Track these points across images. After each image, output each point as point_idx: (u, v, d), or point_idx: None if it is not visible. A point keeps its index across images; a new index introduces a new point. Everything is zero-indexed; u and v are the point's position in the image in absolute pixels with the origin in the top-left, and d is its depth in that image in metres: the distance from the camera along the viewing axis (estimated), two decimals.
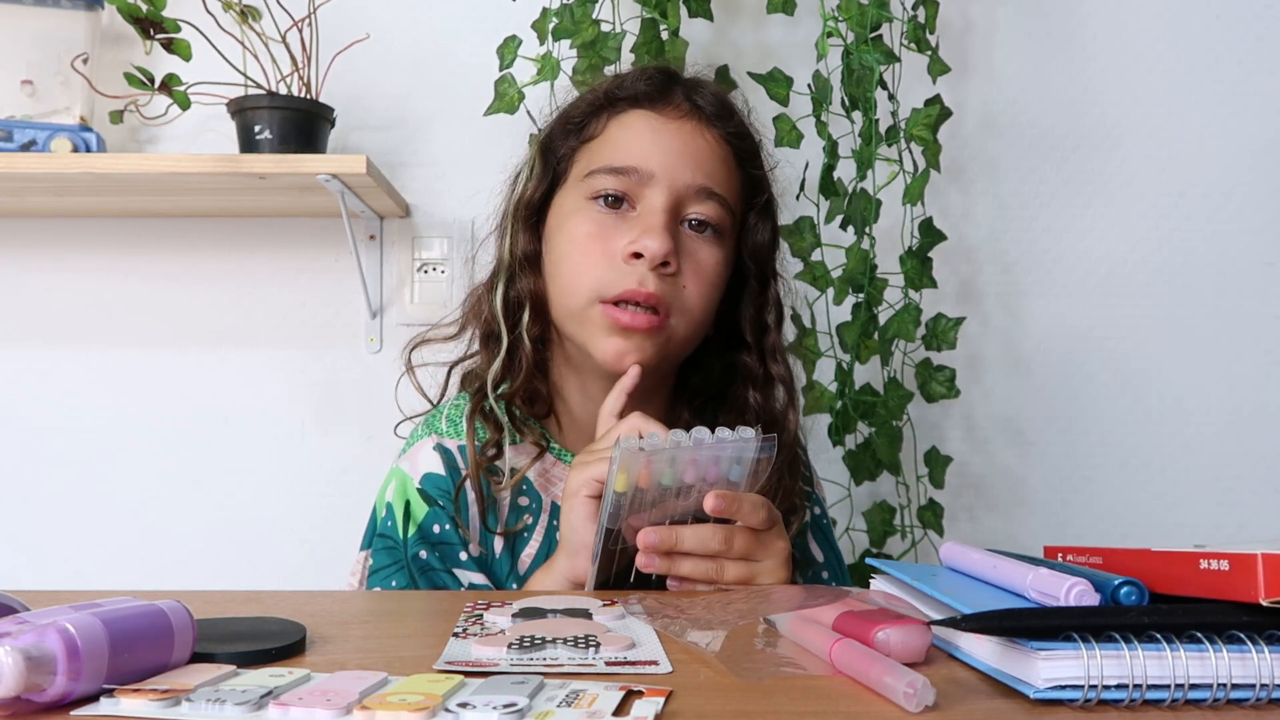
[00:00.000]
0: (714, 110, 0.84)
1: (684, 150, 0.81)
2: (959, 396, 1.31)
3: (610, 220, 0.80)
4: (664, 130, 0.82)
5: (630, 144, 0.82)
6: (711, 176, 0.82)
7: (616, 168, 0.81)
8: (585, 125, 0.85)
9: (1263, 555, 0.42)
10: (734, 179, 0.85)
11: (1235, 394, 1.48)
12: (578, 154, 0.85)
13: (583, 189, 0.82)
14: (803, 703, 0.43)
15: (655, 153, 0.81)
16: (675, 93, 0.84)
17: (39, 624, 0.40)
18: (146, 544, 1.42)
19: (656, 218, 0.79)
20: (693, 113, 0.83)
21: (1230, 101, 1.47)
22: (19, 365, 1.42)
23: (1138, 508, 1.47)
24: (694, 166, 0.81)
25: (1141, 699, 0.42)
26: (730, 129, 0.84)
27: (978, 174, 1.46)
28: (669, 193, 0.80)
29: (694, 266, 0.81)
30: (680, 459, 0.69)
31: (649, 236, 0.78)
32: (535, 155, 0.87)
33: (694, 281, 0.81)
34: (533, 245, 0.86)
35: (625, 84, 0.84)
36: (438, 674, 0.45)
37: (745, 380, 0.87)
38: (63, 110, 1.29)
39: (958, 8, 1.45)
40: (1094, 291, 1.47)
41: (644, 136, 0.82)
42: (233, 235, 1.43)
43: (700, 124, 0.83)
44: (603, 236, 0.80)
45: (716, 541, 0.70)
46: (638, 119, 0.83)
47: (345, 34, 1.32)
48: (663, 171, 0.80)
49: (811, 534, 0.91)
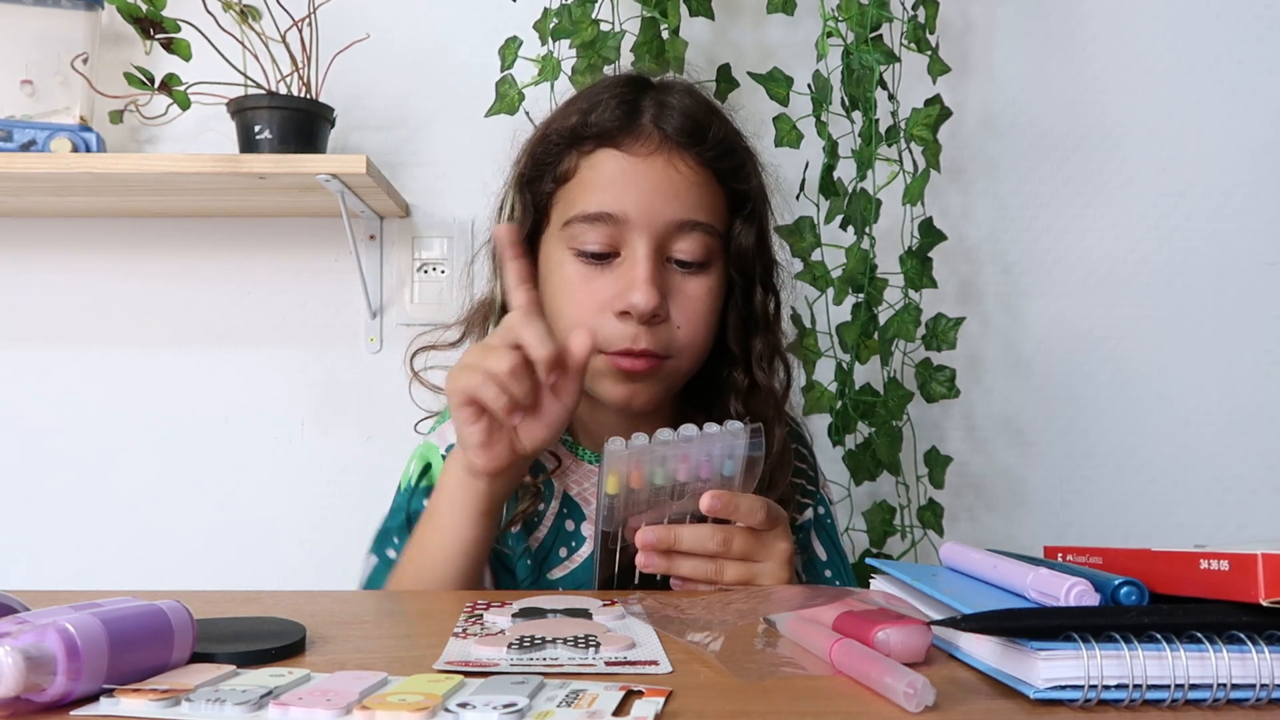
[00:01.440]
0: (686, 134, 0.80)
1: (658, 188, 0.79)
2: (959, 396, 1.31)
3: (595, 272, 0.79)
4: (635, 170, 0.79)
5: (602, 188, 0.79)
6: (691, 207, 0.80)
7: (592, 214, 0.78)
8: (557, 164, 0.82)
9: (1263, 555, 0.42)
10: (717, 200, 0.82)
11: (1235, 394, 1.48)
12: (555, 196, 0.82)
13: (564, 238, 0.81)
14: (803, 703, 0.43)
15: (629, 195, 0.78)
16: (642, 121, 0.80)
17: (39, 624, 0.40)
18: (146, 544, 1.42)
19: (640, 268, 0.77)
20: (663, 143, 0.80)
21: (1230, 101, 1.47)
22: (19, 365, 1.42)
23: (1138, 508, 1.47)
24: (671, 202, 0.79)
25: (1141, 699, 0.42)
26: (706, 150, 0.81)
27: (978, 174, 1.46)
28: (649, 236, 0.78)
29: (684, 304, 0.80)
30: (670, 457, 0.69)
31: (634, 292, 0.76)
32: (514, 194, 0.85)
33: (686, 319, 0.80)
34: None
35: (590, 116, 0.81)
36: (438, 674, 0.45)
37: (731, 390, 0.86)
38: (63, 110, 1.29)
39: (958, 8, 1.45)
40: (1094, 291, 1.47)
41: (615, 179, 0.79)
42: (233, 235, 1.43)
43: (672, 154, 0.80)
44: (590, 290, 0.79)
45: (715, 542, 0.69)
46: (607, 160, 0.80)
47: (345, 34, 1.32)
48: (639, 215, 0.78)
49: (815, 533, 0.90)
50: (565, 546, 0.84)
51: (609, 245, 0.79)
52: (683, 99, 0.83)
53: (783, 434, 0.86)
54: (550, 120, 0.85)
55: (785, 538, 0.72)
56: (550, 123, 0.84)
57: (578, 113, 0.82)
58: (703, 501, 0.68)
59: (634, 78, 0.86)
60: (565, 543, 0.84)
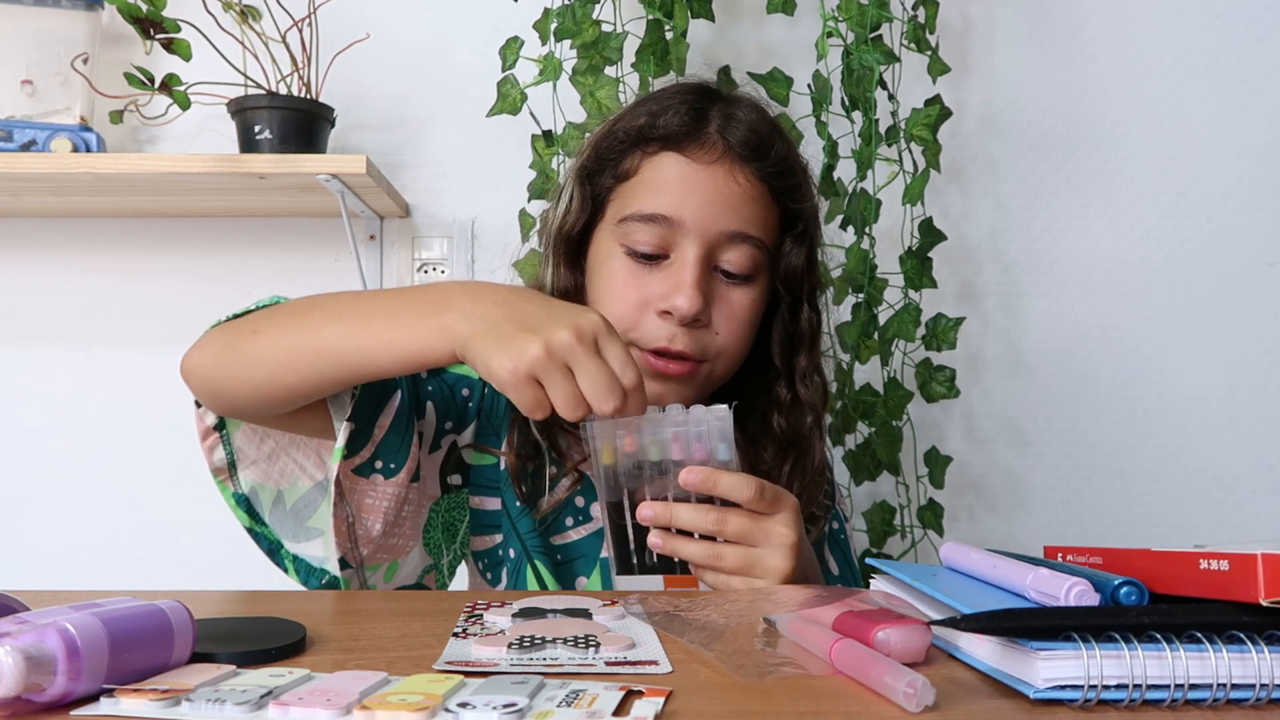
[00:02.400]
0: (749, 147, 0.82)
1: (716, 197, 0.80)
2: (959, 396, 1.31)
3: (643, 270, 0.81)
4: (695, 177, 0.81)
5: (662, 190, 0.81)
6: (745, 220, 0.81)
7: (648, 215, 0.80)
8: (620, 161, 0.84)
9: (1263, 555, 0.42)
10: (770, 216, 0.84)
11: (1235, 394, 1.48)
12: (614, 192, 0.84)
13: (617, 234, 0.82)
14: (803, 703, 0.43)
15: (687, 201, 0.80)
16: (708, 129, 0.82)
17: (39, 624, 0.40)
18: (146, 544, 1.42)
19: (688, 272, 0.79)
20: (726, 154, 0.81)
21: (1230, 101, 1.47)
22: (18, 365, 1.42)
23: (1138, 508, 1.47)
24: (726, 212, 0.81)
25: (1141, 699, 0.42)
26: (766, 166, 0.82)
27: (978, 174, 1.46)
28: (700, 243, 0.80)
29: (727, 312, 0.82)
30: (662, 434, 0.69)
31: (679, 294, 0.78)
32: (574, 185, 0.86)
33: (727, 326, 0.82)
34: (572, 279, 0.86)
35: (659, 119, 0.82)
36: (438, 674, 0.45)
37: (771, 404, 0.88)
38: (63, 110, 1.29)
39: (958, 8, 1.45)
40: (1094, 291, 1.47)
41: (675, 183, 0.81)
42: (233, 235, 1.43)
43: (733, 165, 0.81)
44: (637, 286, 0.80)
45: (709, 520, 0.68)
46: (669, 163, 0.81)
47: (345, 34, 1.32)
48: (694, 220, 0.80)
49: (829, 548, 0.91)
50: (572, 517, 0.85)
51: (660, 246, 0.80)
52: (749, 113, 0.84)
53: (822, 449, 0.88)
54: (619, 118, 0.86)
55: (789, 525, 0.70)
56: (618, 120, 0.86)
57: (646, 114, 0.83)
58: (682, 476, 0.68)
59: (704, 87, 0.87)
60: (573, 514, 0.85)
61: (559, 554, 0.84)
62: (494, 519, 0.86)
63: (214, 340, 0.74)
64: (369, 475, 0.77)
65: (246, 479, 0.79)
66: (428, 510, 0.83)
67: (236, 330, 0.73)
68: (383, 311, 0.68)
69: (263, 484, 0.80)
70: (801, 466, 0.85)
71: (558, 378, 0.62)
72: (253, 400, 0.72)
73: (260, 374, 0.70)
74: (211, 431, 0.78)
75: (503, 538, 0.85)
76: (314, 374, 0.69)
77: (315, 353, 0.68)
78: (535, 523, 0.84)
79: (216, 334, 0.74)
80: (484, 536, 0.86)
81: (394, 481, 0.78)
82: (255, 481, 0.79)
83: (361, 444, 0.76)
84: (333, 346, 0.68)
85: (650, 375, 0.80)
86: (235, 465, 0.79)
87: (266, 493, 0.80)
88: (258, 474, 0.79)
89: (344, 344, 0.68)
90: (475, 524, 0.86)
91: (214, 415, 0.78)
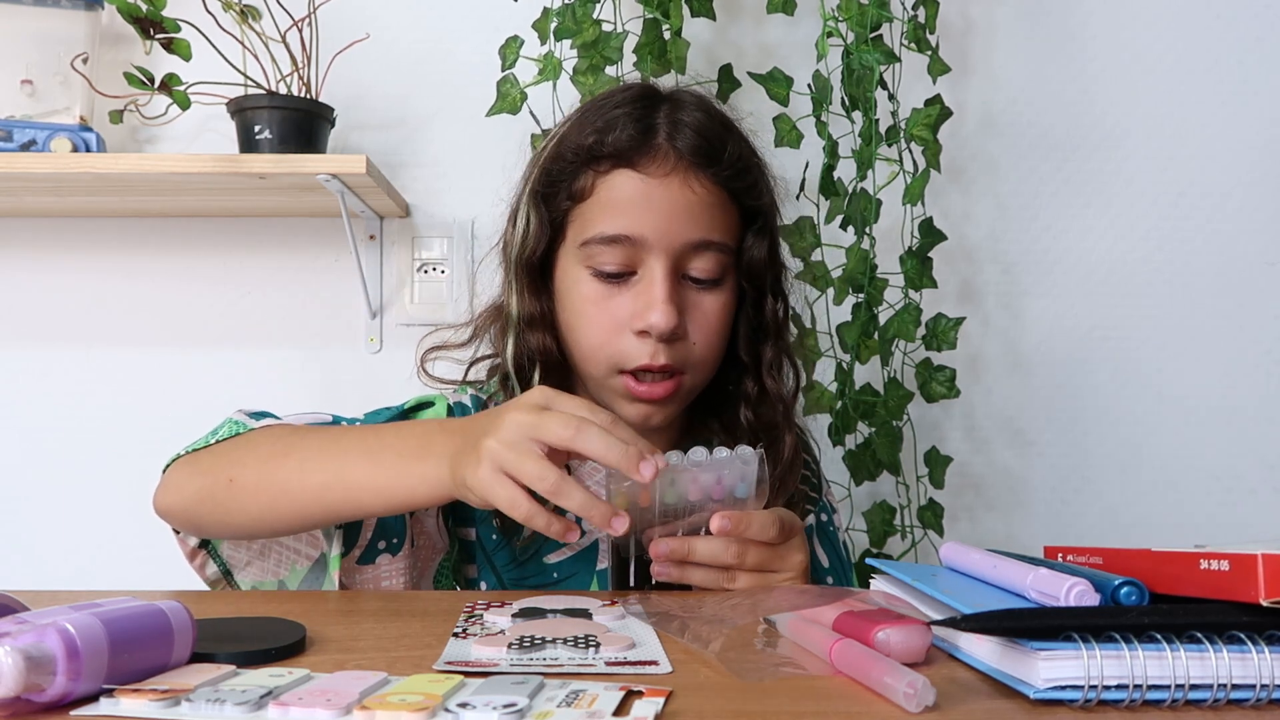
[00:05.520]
0: (701, 153, 0.80)
1: (674, 209, 0.79)
2: (959, 396, 1.31)
3: (612, 290, 0.80)
4: (652, 193, 0.79)
5: (620, 210, 0.79)
6: (706, 227, 0.80)
7: (609, 236, 0.79)
8: (573, 181, 0.82)
9: (1263, 555, 0.42)
10: (729, 217, 0.83)
11: (1235, 394, 1.48)
12: (572, 213, 0.82)
13: (581, 256, 0.81)
14: (803, 703, 0.43)
15: (646, 217, 0.78)
16: (657, 140, 0.80)
17: (39, 624, 0.40)
18: (146, 544, 1.41)
19: (657, 288, 0.78)
20: (679, 163, 0.79)
21: (1230, 101, 1.47)
22: (18, 365, 1.42)
23: (1138, 508, 1.47)
24: (687, 223, 0.79)
25: (1141, 699, 0.42)
26: (722, 170, 0.81)
27: (978, 174, 1.46)
28: (665, 256, 0.79)
29: (700, 320, 0.81)
30: (680, 479, 0.68)
31: (652, 311, 0.77)
32: (529, 207, 0.84)
33: (703, 335, 0.81)
34: (538, 305, 0.84)
35: (607, 136, 0.80)
36: (438, 674, 0.45)
37: (740, 398, 0.87)
38: (63, 110, 1.29)
39: (958, 8, 1.45)
40: (1094, 291, 1.47)
41: (633, 201, 0.79)
42: (233, 235, 1.43)
43: (687, 174, 0.80)
44: (609, 308, 0.80)
45: (729, 555, 0.69)
46: (623, 180, 0.79)
47: (345, 34, 1.32)
48: (656, 236, 0.78)
49: (818, 539, 0.91)
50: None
51: (626, 265, 0.79)
52: (695, 115, 0.82)
53: (793, 439, 0.87)
54: (564, 136, 0.84)
55: (801, 549, 0.72)
56: (564, 139, 0.83)
57: (594, 131, 0.81)
58: (713, 523, 0.68)
59: (646, 92, 0.85)
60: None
61: (537, 583, 0.84)
62: (470, 550, 0.86)
63: (185, 484, 0.74)
64: (374, 560, 0.78)
65: (245, 581, 0.79)
66: (437, 563, 0.84)
67: (208, 473, 0.73)
68: (365, 455, 0.68)
69: (261, 580, 0.79)
70: (772, 458, 0.84)
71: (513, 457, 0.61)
72: (238, 536, 0.75)
73: (243, 520, 0.72)
74: (198, 551, 0.79)
75: (478, 570, 0.86)
76: (299, 519, 0.71)
77: (299, 503, 0.69)
78: (512, 555, 0.84)
79: (186, 476, 0.75)
80: (464, 565, 0.87)
81: (401, 555, 0.79)
82: (254, 581, 0.79)
83: (355, 534, 0.77)
84: (317, 498, 0.69)
85: (634, 400, 0.80)
86: (230, 574, 0.79)
87: (267, 586, 0.80)
88: (254, 573, 0.79)
89: (329, 495, 0.68)
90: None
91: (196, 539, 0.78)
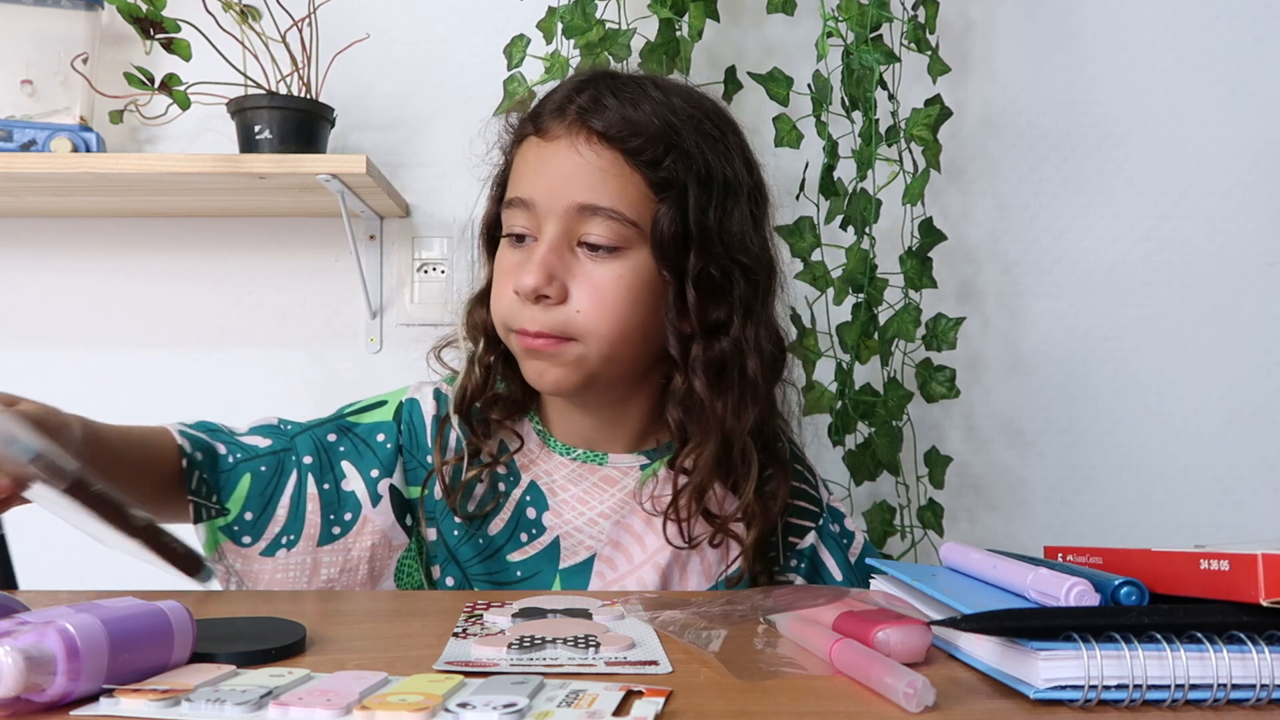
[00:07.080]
0: (599, 117, 0.77)
1: (559, 171, 0.78)
2: (959, 396, 1.31)
3: (516, 254, 0.81)
4: (543, 155, 0.79)
5: (522, 175, 0.81)
6: (593, 191, 0.77)
7: (510, 200, 0.81)
8: (511, 154, 0.85)
9: (1263, 555, 0.42)
10: (629, 187, 0.78)
11: (1235, 394, 1.48)
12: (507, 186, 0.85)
13: (505, 224, 0.83)
14: (803, 703, 0.43)
15: (538, 181, 0.79)
16: (567, 107, 0.79)
17: (39, 624, 0.40)
18: None
19: (538, 250, 0.78)
20: (572, 127, 0.78)
21: (1230, 101, 1.47)
22: (19, 365, 1.42)
23: (1138, 508, 1.47)
24: (572, 185, 0.77)
25: (1141, 699, 0.42)
26: (616, 131, 0.77)
27: (978, 174, 1.46)
28: (553, 220, 0.78)
29: (587, 288, 0.77)
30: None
31: (523, 272, 0.77)
32: (492, 184, 0.87)
33: (589, 303, 0.77)
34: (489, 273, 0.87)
35: (534, 106, 0.83)
36: (438, 674, 0.45)
37: (669, 396, 0.83)
38: (63, 110, 1.29)
39: (958, 8, 1.45)
40: (1094, 291, 1.47)
41: (530, 165, 0.80)
42: (233, 235, 1.43)
43: (576, 137, 0.78)
44: (510, 270, 0.80)
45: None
46: (528, 147, 0.81)
47: (345, 34, 1.32)
48: (544, 198, 0.78)
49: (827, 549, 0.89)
50: (526, 532, 0.84)
51: (529, 229, 0.80)
52: (630, 88, 0.80)
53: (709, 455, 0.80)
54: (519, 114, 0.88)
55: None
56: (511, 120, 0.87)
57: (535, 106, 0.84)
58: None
59: (596, 73, 0.85)
60: (526, 529, 0.84)
61: (503, 579, 0.84)
62: (434, 549, 0.86)
63: None
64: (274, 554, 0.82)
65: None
66: (395, 562, 0.85)
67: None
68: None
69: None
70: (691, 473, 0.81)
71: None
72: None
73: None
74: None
75: (440, 568, 0.86)
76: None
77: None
78: (478, 549, 0.84)
79: None
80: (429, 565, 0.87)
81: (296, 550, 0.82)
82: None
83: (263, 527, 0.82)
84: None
85: (526, 355, 0.80)
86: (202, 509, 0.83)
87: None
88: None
89: None
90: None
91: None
